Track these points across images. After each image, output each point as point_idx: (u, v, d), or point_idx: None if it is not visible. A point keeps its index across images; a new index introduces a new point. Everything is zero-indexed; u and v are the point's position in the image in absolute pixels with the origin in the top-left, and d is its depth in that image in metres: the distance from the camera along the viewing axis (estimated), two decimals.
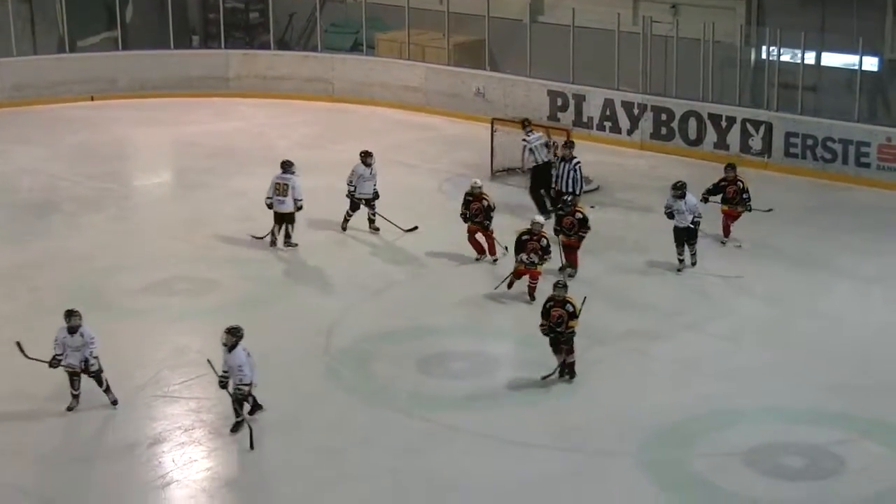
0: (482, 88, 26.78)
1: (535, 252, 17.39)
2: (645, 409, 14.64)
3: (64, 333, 14.48)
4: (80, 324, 14.47)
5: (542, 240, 17.46)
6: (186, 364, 15.88)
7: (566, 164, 19.90)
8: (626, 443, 13.91)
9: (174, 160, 25.20)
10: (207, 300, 17.78)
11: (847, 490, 13.10)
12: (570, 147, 20.12)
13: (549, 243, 17.51)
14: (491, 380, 15.39)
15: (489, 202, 18.78)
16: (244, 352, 14.05)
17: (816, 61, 24.58)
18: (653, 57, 25.13)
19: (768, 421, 14.43)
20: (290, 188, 19.30)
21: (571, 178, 19.82)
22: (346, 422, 14.46)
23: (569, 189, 19.71)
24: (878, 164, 22.49)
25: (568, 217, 18.35)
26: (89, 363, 14.47)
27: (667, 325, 16.98)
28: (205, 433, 14.33)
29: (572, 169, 19.83)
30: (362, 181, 19.85)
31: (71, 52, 29.20)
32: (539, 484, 13.19)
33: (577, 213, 18.38)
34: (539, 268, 17.49)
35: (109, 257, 19.28)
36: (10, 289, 18.25)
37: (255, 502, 13.09)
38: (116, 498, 13.05)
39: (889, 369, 15.69)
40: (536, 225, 17.53)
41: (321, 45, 29.36)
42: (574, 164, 19.86)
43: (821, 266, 18.95)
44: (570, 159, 19.89)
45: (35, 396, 14.95)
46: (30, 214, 21.41)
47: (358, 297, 17.88)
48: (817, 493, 13.07)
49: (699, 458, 13.63)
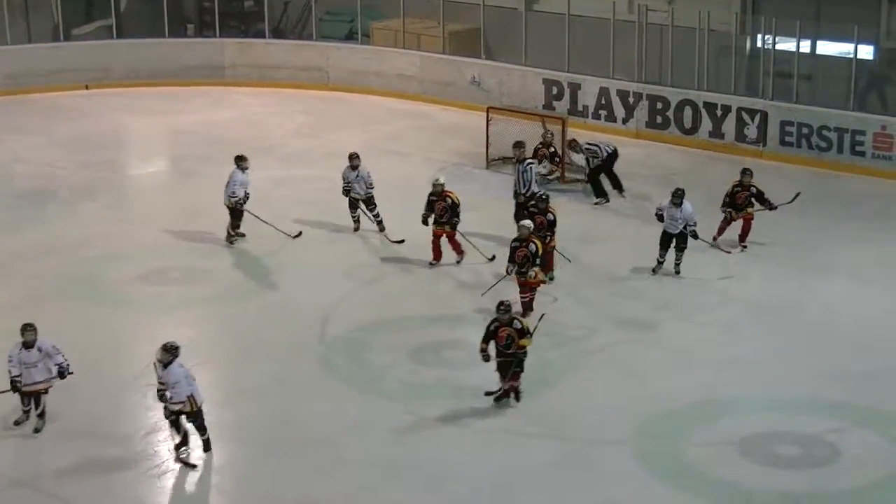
0: (478, 77, 26.69)
1: (527, 259, 16.40)
2: (640, 398, 14.61)
3: (19, 349, 13.58)
4: (35, 338, 13.58)
5: (531, 245, 16.45)
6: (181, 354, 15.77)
7: (519, 164, 19.11)
8: (620, 432, 13.88)
9: (169, 149, 25.12)
10: (202, 289, 17.73)
11: (841, 479, 13.08)
12: (521, 148, 19.38)
13: (538, 249, 16.44)
14: (484, 369, 15.32)
15: (453, 199, 18.05)
16: (181, 368, 13.27)
17: (812, 50, 24.50)
18: (648, 45, 25.04)
19: (763, 410, 14.41)
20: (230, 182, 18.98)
21: (523, 179, 18.96)
22: (339, 410, 14.42)
23: (521, 190, 18.94)
24: (874, 153, 22.44)
25: (539, 216, 17.46)
26: (64, 371, 13.76)
27: (663, 315, 16.94)
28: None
29: (525, 170, 18.98)
30: (353, 182, 19.47)
31: (66, 41, 28.98)
32: (533, 472, 13.17)
33: (549, 214, 17.52)
34: (533, 277, 16.53)
35: (104, 246, 19.22)
36: (5, 277, 18.20)
37: (250, 490, 13.03)
38: (112, 487, 13.00)
39: (884, 358, 15.67)
40: (523, 229, 16.59)
41: (316, 33, 29.25)
42: (526, 165, 19.05)
43: (816, 255, 18.92)
44: (522, 160, 19.11)
45: None
46: (25, 203, 21.34)
47: (351, 288, 17.84)
48: (811, 482, 13.04)
49: (693, 447, 13.61)
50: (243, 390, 15.09)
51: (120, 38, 28.99)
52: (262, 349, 15.99)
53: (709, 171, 22.92)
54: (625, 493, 12.86)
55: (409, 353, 15.74)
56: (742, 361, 15.63)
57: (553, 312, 16.04)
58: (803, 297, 17.58)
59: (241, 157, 19.29)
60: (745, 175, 19.01)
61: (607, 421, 14.15)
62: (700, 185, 21.40)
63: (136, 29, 29.48)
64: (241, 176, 19.08)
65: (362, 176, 19.31)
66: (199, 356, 15.65)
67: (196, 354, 15.69)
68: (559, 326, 15.90)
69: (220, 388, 15.04)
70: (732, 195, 18.94)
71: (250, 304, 17.10)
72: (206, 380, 15.08)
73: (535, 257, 16.41)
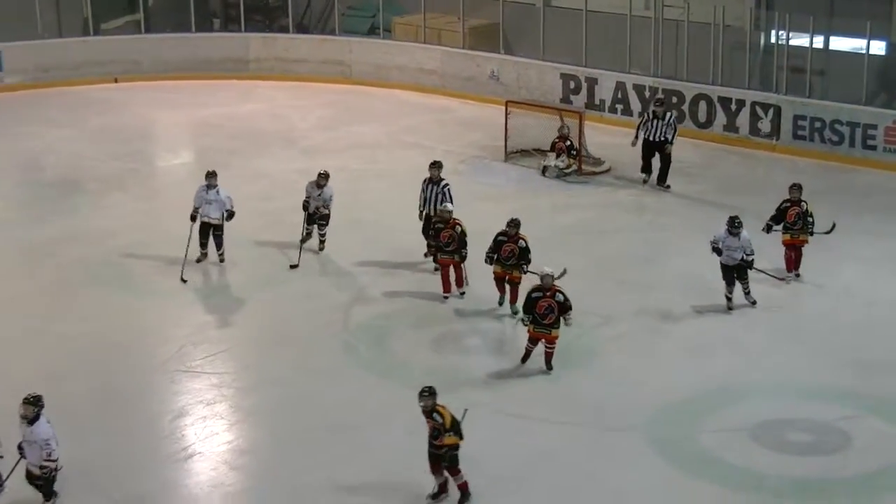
0: (496, 71, 26.72)
1: (550, 311, 14.67)
2: (655, 385, 14.65)
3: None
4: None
5: (558, 295, 14.68)
6: (208, 340, 15.93)
7: (434, 185, 17.73)
8: (635, 418, 13.93)
9: (196, 141, 25.19)
10: (228, 278, 17.83)
11: (852, 465, 13.10)
12: (438, 168, 17.92)
13: (565, 298, 14.71)
14: (504, 357, 15.40)
15: (462, 227, 16.64)
16: (48, 423, 11.92)
17: (825, 45, 24.44)
18: (664, 41, 25.05)
19: (776, 397, 14.43)
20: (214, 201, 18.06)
21: (431, 198, 17.73)
22: (362, 397, 14.49)
23: (425, 209, 17.85)
24: (885, 147, 22.39)
25: (508, 245, 15.98)
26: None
27: (678, 304, 16.93)
28: (226, 407, 14.40)
29: (440, 192, 17.65)
30: (312, 200, 18.37)
31: (95, 35, 29.18)
32: (551, 457, 13.24)
33: (521, 241, 16.00)
34: (556, 331, 14.81)
35: (133, 235, 19.30)
36: (38, 265, 18.32)
37: (274, 474, 13.12)
38: (141, 469, 13.10)
39: (894, 347, 15.65)
40: (548, 279, 14.75)
41: (339, 28, 29.30)
42: (442, 187, 17.69)
43: (829, 246, 18.82)
44: (438, 181, 17.74)
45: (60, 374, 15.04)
46: (55, 193, 21.46)
47: (373, 277, 17.88)
48: (822, 469, 13.07)
49: (707, 433, 13.64)
50: (268, 377, 15.16)
51: (148, 32, 29.10)
52: (286, 336, 16.05)
53: (723, 163, 22.96)
54: (639, 478, 12.89)
55: (430, 342, 15.80)
56: (755, 350, 15.66)
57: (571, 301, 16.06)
58: (816, 287, 17.57)
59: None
60: (794, 191, 17.38)
61: (623, 407, 14.19)
62: (714, 178, 21.46)
63: (163, 23, 29.61)
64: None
65: (324, 196, 18.35)
66: (224, 343, 15.81)
67: (222, 342, 15.86)
68: (577, 315, 15.90)
69: (245, 375, 15.15)
70: (782, 212, 17.36)
71: (274, 293, 17.17)
72: (232, 367, 15.27)
73: (562, 308, 14.75)
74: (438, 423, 12.20)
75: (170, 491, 12.84)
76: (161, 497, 12.72)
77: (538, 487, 12.80)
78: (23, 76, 27.64)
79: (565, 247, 18.45)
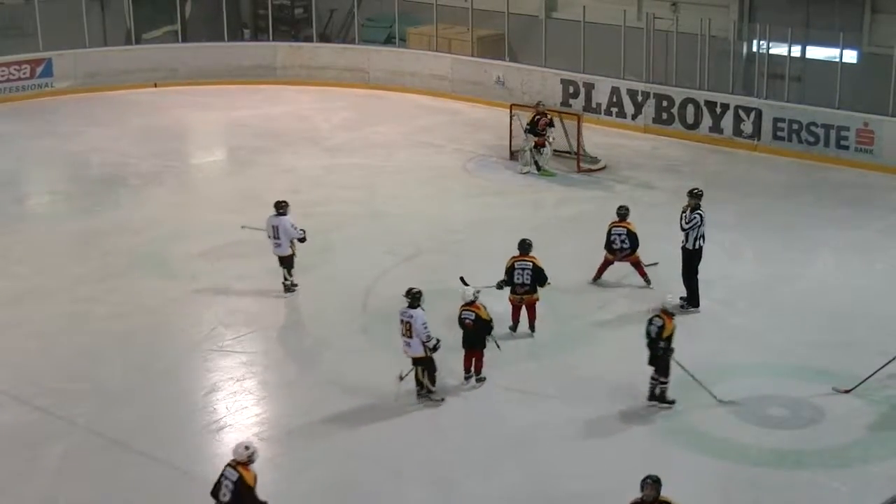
0: (502, 77, 26.62)
1: None
2: (645, 365, 14.53)
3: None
4: None
5: None
6: (239, 322, 15.88)
7: None
8: (626, 395, 13.83)
9: (228, 140, 25.15)
10: (257, 265, 17.74)
11: (826, 437, 13.04)
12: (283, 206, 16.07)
13: None
14: (511, 337, 15.30)
15: (481, 315, 14.03)
16: None
17: (802, 54, 24.34)
18: (655, 49, 24.94)
19: (757, 376, 14.35)
20: (280, 230, 16.36)
21: None
22: (379, 373, 14.40)
23: None
24: (857, 147, 22.26)
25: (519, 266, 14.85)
26: None
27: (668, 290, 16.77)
28: (255, 383, 14.35)
29: None
30: None
31: (137, 44, 29.18)
32: (547, 429, 13.21)
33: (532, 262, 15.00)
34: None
35: (170, 226, 19.29)
36: (84, 253, 18.34)
37: (300, 446, 13.06)
38: (176, 440, 13.07)
39: (866, 329, 15.55)
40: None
41: (358, 38, 29.28)
42: None
43: (805, 237, 18.82)
44: None
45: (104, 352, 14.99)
46: (100, 188, 21.45)
47: (391, 263, 17.81)
48: (799, 440, 13.01)
49: (693, 408, 13.55)
50: (293, 354, 15.14)
51: (185, 41, 29.13)
52: (310, 318, 16.02)
53: (708, 161, 22.91)
54: (631, 451, 12.80)
55: (443, 322, 15.67)
56: (738, 332, 15.57)
57: (566, 290, 15.98)
58: (793, 274, 17.48)
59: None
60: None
61: (614, 384, 14.10)
62: (700, 174, 21.34)
63: (199, 34, 29.60)
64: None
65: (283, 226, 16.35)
66: (253, 325, 15.75)
67: (250, 323, 15.80)
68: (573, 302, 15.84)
69: (271, 354, 15.10)
70: None
71: (299, 278, 17.10)
72: (260, 346, 15.22)
73: None
74: None
75: (204, 458, 12.77)
76: (197, 463, 12.64)
77: (539, 460, 12.73)
78: (71, 82, 27.63)
79: (566, 235, 18.38)
